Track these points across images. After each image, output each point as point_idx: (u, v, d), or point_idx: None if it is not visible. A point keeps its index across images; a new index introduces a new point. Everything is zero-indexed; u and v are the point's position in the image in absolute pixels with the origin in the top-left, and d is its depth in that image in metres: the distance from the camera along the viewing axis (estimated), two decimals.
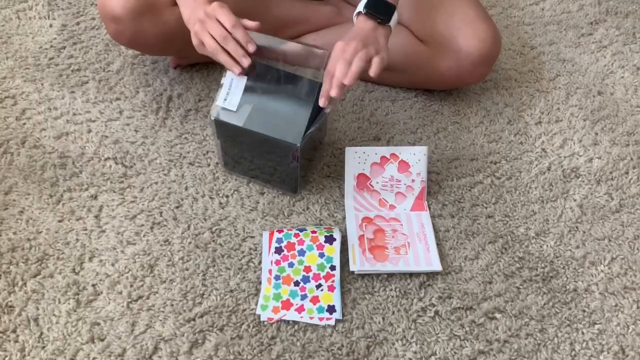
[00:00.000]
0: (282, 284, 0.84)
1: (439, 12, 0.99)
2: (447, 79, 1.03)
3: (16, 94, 1.08)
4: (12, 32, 1.20)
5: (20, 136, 1.02)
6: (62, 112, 1.06)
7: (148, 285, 0.84)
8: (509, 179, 1.00)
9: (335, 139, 1.04)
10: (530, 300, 0.85)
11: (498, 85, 1.16)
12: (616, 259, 0.90)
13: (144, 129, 1.04)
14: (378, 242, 0.90)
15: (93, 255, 0.87)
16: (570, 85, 1.16)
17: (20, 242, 0.88)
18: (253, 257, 0.88)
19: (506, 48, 1.23)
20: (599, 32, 1.28)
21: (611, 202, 0.97)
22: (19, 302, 0.82)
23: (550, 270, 0.88)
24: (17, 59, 1.14)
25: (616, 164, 1.03)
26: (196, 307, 0.82)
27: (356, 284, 0.86)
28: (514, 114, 1.11)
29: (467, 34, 0.97)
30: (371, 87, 1.13)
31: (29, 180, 0.95)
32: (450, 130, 1.07)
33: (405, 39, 1.03)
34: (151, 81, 1.12)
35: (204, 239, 0.90)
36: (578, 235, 0.93)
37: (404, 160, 0.94)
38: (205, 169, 0.99)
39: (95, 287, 0.84)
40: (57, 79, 1.11)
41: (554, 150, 1.05)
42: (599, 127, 1.09)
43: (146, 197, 0.95)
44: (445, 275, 0.87)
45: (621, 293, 0.86)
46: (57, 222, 0.91)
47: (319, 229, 0.89)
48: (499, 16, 1.31)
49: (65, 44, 1.18)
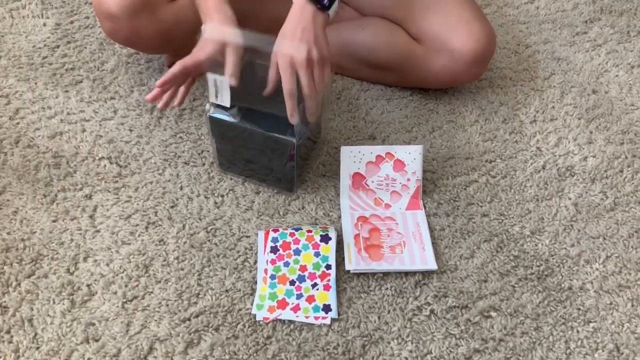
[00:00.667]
0: (277, 284, 0.84)
1: (434, 12, 0.99)
2: (442, 78, 1.03)
3: (10, 93, 1.08)
4: (5, 31, 1.19)
5: (13, 136, 1.01)
6: (56, 112, 1.05)
7: (143, 285, 0.84)
8: (504, 178, 1.00)
9: (331, 138, 1.04)
10: (526, 299, 0.85)
11: (493, 84, 1.16)
12: (611, 257, 0.91)
13: (139, 128, 1.04)
14: (373, 241, 0.90)
15: (88, 255, 0.87)
16: (565, 84, 1.16)
17: (14, 242, 0.88)
18: (248, 257, 0.88)
19: (501, 47, 1.23)
20: (593, 30, 1.28)
21: (606, 201, 0.98)
22: (13, 302, 0.81)
23: (545, 268, 0.89)
24: (11, 58, 1.14)
25: (611, 163, 1.03)
26: (191, 307, 0.82)
27: (352, 283, 0.86)
28: (509, 113, 1.11)
29: (462, 34, 0.97)
30: (366, 86, 1.13)
31: (22, 180, 0.95)
32: (445, 129, 1.07)
33: (400, 38, 1.03)
34: (146, 80, 1.11)
35: (199, 238, 0.89)
36: (573, 233, 0.93)
37: (399, 159, 0.94)
38: (200, 168, 0.98)
39: (90, 287, 0.83)
40: (50, 78, 1.11)
41: (548, 149, 1.05)
42: (594, 125, 1.09)
43: (141, 196, 0.94)
44: (440, 274, 0.87)
45: (616, 291, 0.87)
46: (51, 222, 0.90)
47: (314, 228, 0.89)
48: (493, 15, 1.31)
49: (59, 43, 1.17)
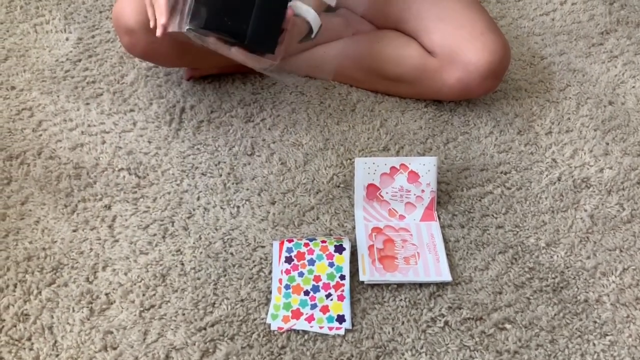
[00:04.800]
0: (292, 293, 0.85)
1: (448, 24, 0.99)
2: (456, 90, 1.04)
3: (33, 106, 1.11)
4: (30, 45, 1.23)
5: (36, 147, 1.04)
6: (77, 124, 1.08)
7: (160, 295, 0.85)
8: (519, 189, 1.00)
9: (345, 150, 1.05)
10: (541, 311, 0.85)
11: (508, 96, 1.16)
12: (628, 269, 0.90)
13: (157, 140, 1.06)
14: (388, 252, 0.90)
15: (106, 265, 0.88)
16: (580, 95, 1.16)
17: (36, 251, 0.90)
18: (264, 267, 0.89)
19: (516, 58, 1.23)
20: (609, 42, 1.28)
21: (622, 213, 0.97)
22: (34, 310, 0.83)
23: (560, 280, 0.88)
24: (34, 72, 1.17)
25: (627, 174, 1.03)
26: (207, 316, 0.83)
27: (366, 293, 0.86)
28: (524, 124, 1.11)
29: (476, 47, 0.97)
30: (381, 97, 1.14)
31: (44, 191, 0.97)
32: (460, 140, 1.08)
33: (414, 51, 1.04)
34: (164, 93, 1.14)
35: (215, 248, 0.91)
36: (589, 245, 0.93)
37: (413, 170, 0.94)
38: (217, 179, 1.00)
39: (108, 296, 0.85)
40: (72, 91, 1.14)
41: (564, 161, 1.05)
42: (610, 137, 1.09)
43: (159, 207, 0.96)
44: (455, 286, 0.87)
45: (633, 304, 0.86)
46: (71, 231, 0.92)
47: (328, 239, 0.89)
48: (508, 27, 1.31)
49: (81, 57, 1.20)
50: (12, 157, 1.02)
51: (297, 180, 1.00)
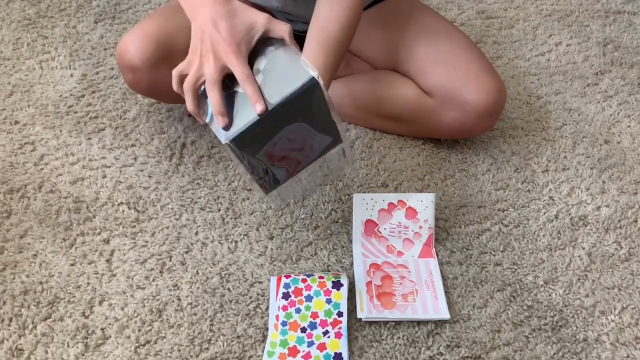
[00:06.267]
0: (289, 330, 0.84)
1: (443, 66, 1.01)
2: (453, 130, 1.05)
3: (35, 140, 1.12)
4: (35, 81, 1.25)
5: (37, 181, 1.05)
6: (78, 158, 1.09)
7: (156, 330, 0.85)
8: (517, 227, 1.01)
9: (343, 185, 1.06)
10: (540, 350, 0.84)
11: (505, 134, 1.17)
12: (627, 308, 0.89)
13: (158, 174, 1.07)
14: (386, 288, 0.90)
15: (103, 299, 0.88)
16: (576, 134, 1.18)
17: (33, 285, 0.89)
18: (260, 303, 0.88)
19: (512, 98, 1.25)
20: (604, 82, 1.30)
21: (620, 251, 0.97)
22: (28, 345, 0.82)
23: (559, 319, 0.88)
24: (38, 107, 1.19)
25: (624, 212, 1.03)
26: (203, 353, 0.82)
27: (363, 331, 0.85)
28: (521, 162, 1.12)
29: (472, 89, 0.99)
30: (379, 134, 1.16)
31: (43, 224, 0.98)
32: (457, 177, 1.09)
33: (411, 91, 1.05)
34: (166, 128, 1.15)
35: (213, 284, 0.91)
36: (587, 283, 0.92)
37: (411, 207, 0.95)
38: (215, 214, 1.00)
39: (104, 331, 0.84)
40: (75, 126, 1.15)
41: (561, 198, 1.05)
42: (607, 175, 1.10)
43: (157, 241, 0.96)
44: (453, 324, 0.87)
45: (632, 344, 0.85)
46: (69, 265, 0.92)
47: (326, 275, 0.89)
48: (505, 67, 1.34)
49: (85, 93, 1.22)
50: (12, 191, 1.02)
51: (296, 215, 1.01)
